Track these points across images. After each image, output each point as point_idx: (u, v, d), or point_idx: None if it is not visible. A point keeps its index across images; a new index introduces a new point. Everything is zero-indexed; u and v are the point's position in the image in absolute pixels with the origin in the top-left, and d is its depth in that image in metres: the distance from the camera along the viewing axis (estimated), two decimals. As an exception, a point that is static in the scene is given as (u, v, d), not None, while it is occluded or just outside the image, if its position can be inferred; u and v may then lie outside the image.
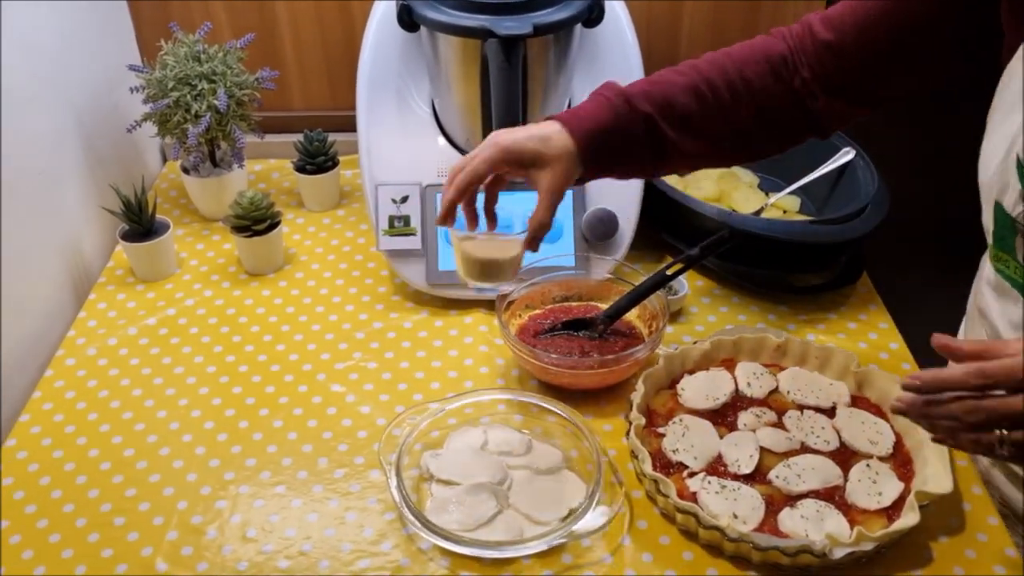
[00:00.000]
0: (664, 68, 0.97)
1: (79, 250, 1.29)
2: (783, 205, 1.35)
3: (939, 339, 0.73)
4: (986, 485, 0.99)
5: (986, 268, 0.94)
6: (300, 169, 1.41)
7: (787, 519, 0.91)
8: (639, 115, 0.93)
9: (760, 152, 1.01)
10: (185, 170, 1.38)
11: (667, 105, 0.93)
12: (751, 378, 1.06)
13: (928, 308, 1.33)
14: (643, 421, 0.99)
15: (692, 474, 0.96)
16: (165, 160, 1.58)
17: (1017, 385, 0.69)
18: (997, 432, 0.70)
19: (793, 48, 0.94)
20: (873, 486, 0.93)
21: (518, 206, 1.21)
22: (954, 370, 0.71)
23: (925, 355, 1.11)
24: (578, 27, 1.14)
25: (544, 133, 0.92)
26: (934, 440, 0.77)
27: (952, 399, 0.72)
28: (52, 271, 1.22)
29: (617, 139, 0.93)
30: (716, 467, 0.96)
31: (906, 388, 0.74)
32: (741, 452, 0.97)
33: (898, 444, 0.99)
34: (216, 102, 1.27)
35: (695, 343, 1.09)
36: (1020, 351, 0.69)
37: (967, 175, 1.06)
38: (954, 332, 1.23)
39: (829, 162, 1.33)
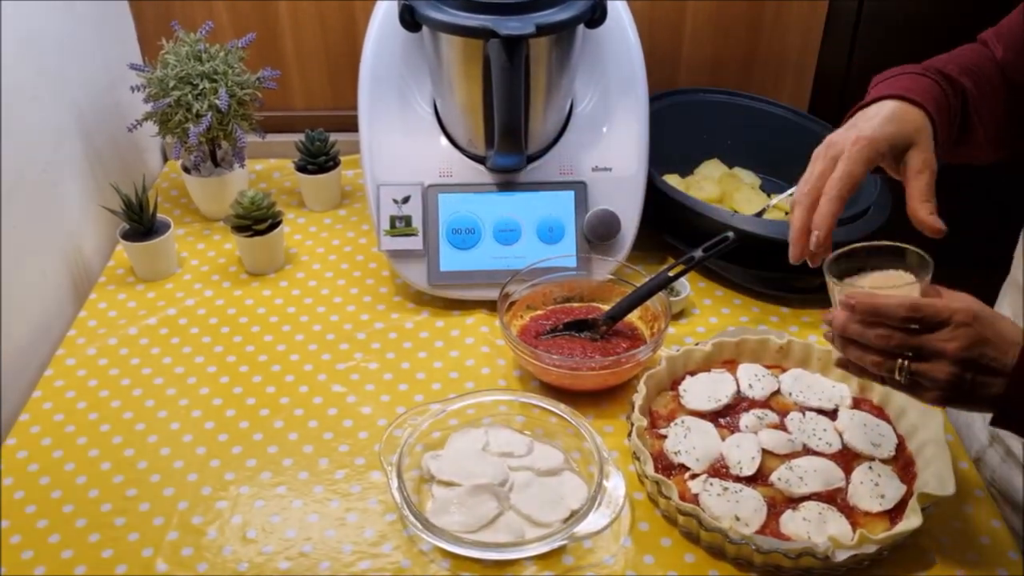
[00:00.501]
0: (904, 64, 0.92)
1: (79, 249, 1.29)
2: (785, 207, 1.34)
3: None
4: (976, 463, 1.00)
5: None
6: (301, 169, 1.40)
7: (789, 521, 0.90)
8: (959, 88, 0.88)
9: (1006, 149, 0.96)
10: (186, 169, 1.38)
11: (962, 84, 0.89)
12: (753, 380, 1.06)
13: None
14: (645, 422, 0.99)
15: (694, 476, 0.95)
16: (166, 159, 1.57)
17: (937, 325, 0.75)
18: (900, 360, 0.77)
19: (993, 59, 0.94)
20: (875, 488, 0.93)
21: (524, 209, 1.21)
22: (889, 299, 0.76)
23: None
24: (580, 27, 1.14)
25: (892, 113, 0.83)
26: (837, 363, 0.83)
27: (876, 323, 0.77)
28: (52, 270, 1.22)
29: (947, 114, 0.87)
30: (718, 469, 0.96)
31: (842, 306, 0.79)
32: (743, 454, 0.97)
33: (900, 446, 0.98)
34: (217, 101, 1.26)
35: (697, 344, 1.09)
36: (954, 304, 0.75)
37: (970, 177, 1.07)
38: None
39: (831, 163, 1.33)
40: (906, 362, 0.77)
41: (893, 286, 0.80)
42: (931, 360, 0.76)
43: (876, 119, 0.84)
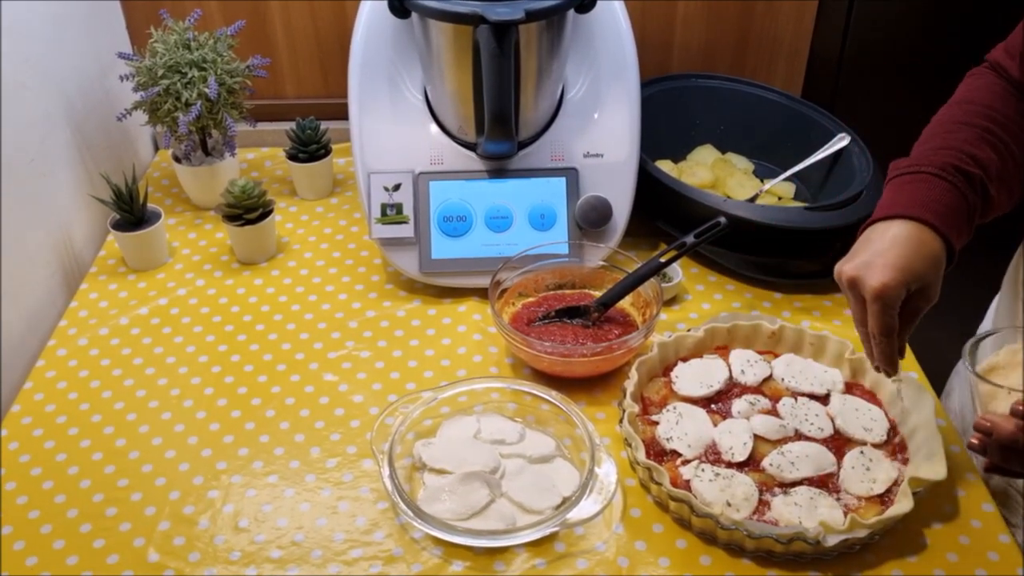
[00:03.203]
0: (931, 125, 0.90)
1: (70, 239, 1.28)
2: (778, 191, 1.34)
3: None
4: (969, 448, 1.00)
5: None
6: (292, 157, 1.40)
7: (780, 506, 0.90)
8: (975, 181, 0.85)
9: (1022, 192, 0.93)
10: (176, 159, 1.37)
11: (981, 163, 0.86)
12: (745, 365, 1.05)
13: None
14: (637, 409, 0.99)
15: (685, 462, 0.95)
16: (156, 148, 1.57)
17: None
18: None
19: (1007, 80, 0.91)
20: (867, 473, 0.93)
21: (516, 196, 1.20)
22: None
23: (919, 342, 1.11)
24: (571, 12, 1.13)
25: (910, 244, 0.81)
26: (989, 470, 0.81)
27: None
28: (43, 260, 1.21)
29: (966, 216, 0.85)
30: (709, 455, 0.96)
31: (1015, 414, 0.77)
32: (735, 439, 0.96)
33: (892, 431, 0.98)
34: (207, 90, 1.26)
35: (689, 330, 1.09)
36: None
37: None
38: (948, 316, 1.23)
39: (824, 148, 1.33)
40: None
41: None
42: None
43: (893, 256, 0.80)
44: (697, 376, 1.04)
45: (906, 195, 0.84)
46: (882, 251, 0.81)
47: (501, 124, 1.11)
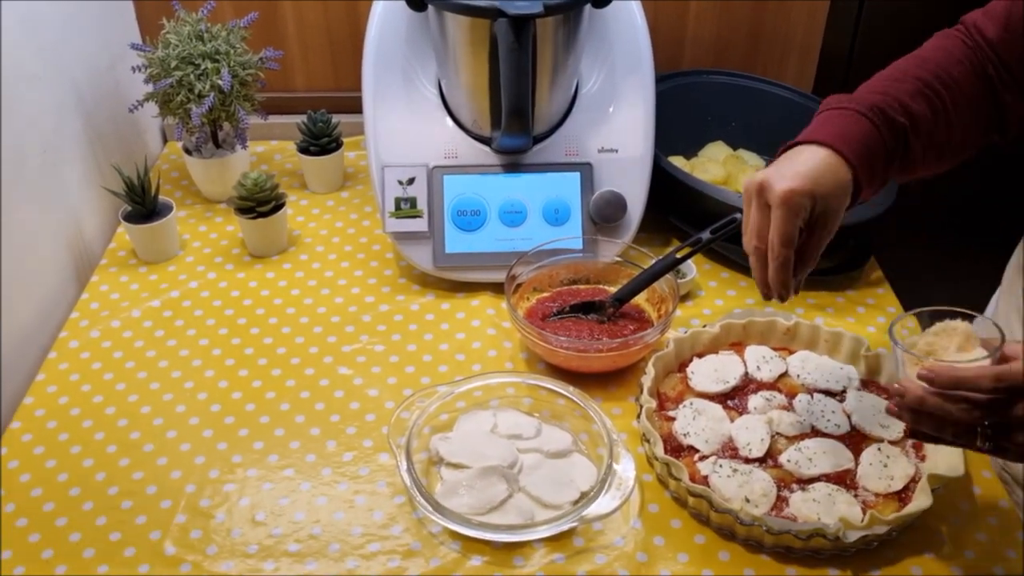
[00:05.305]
0: (882, 72, 0.91)
1: (81, 231, 1.28)
2: (790, 188, 1.34)
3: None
4: None
5: None
6: (304, 150, 1.39)
7: (799, 502, 0.90)
8: (899, 128, 0.87)
9: (957, 160, 0.95)
10: (187, 151, 1.37)
11: (911, 114, 0.87)
12: (761, 362, 1.05)
13: (936, 291, 1.33)
14: (654, 404, 0.99)
15: (703, 457, 0.95)
16: (165, 141, 1.56)
17: (1020, 392, 0.71)
18: (980, 428, 0.74)
19: (974, 46, 0.91)
20: (884, 470, 0.93)
21: (530, 190, 1.20)
22: (973, 371, 0.73)
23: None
24: (587, 7, 1.13)
25: (821, 166, 0.83)
26: (909, 435, 0.83)
27: (956, 398, 0.74)
28: (54, 252, 1.21)
29: (882, 160, 0.87)
30: (727, 450, 0.96)
31: (921, 377, 0.75)
32: (752, 436, 0.96)
33: (908, 428, 0.98)
34: (220, 82, 1.25)
35: (704, 327, 1.09)
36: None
37: (975, 157, 1.06)
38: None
39: (837, 145, 1.32)
40: (988, 430, 0.74)
41: (973, 358, 0.78)
42: (1017, 428, 0.73)
43: (804, 169, 0.83)
44: (713, 372, 1.04)
45: (829, 126, 0.86)
46: (794, 165, 0.84)
47: (518, 118, 1.11)
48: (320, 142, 1.38)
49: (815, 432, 0.98)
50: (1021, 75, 0.90)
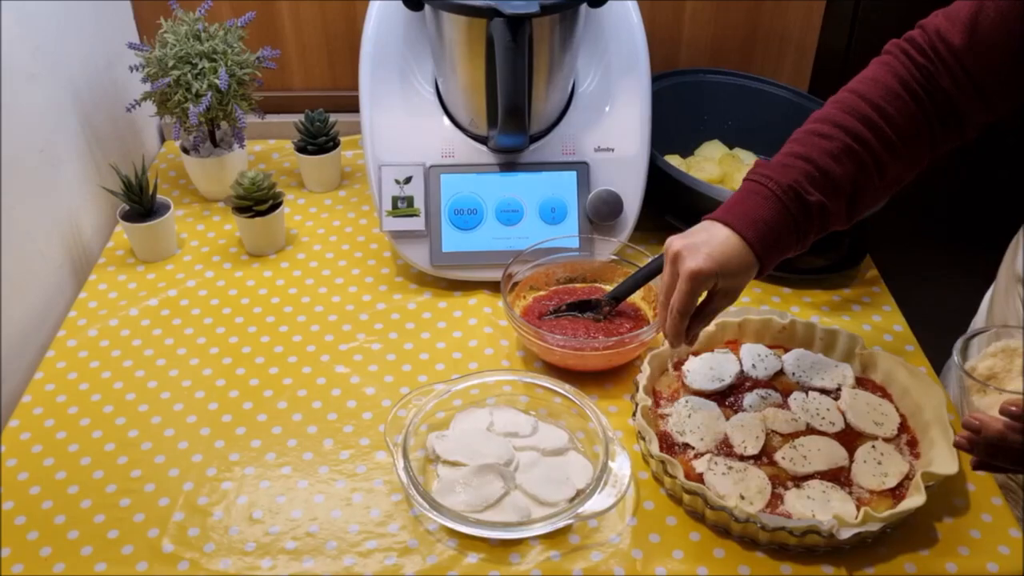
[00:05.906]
0: (810, 119, 0.91)
1: (78, 230, 1.28)
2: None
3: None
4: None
5: None
6: (301, 149, 1.39)
7: (794, 500, 0.91)
8: (812, 207, 0.88)
9: (907, 182, 0.95)
10: (185, 150, 1.37)
11: (830, 182, 0.88)
12: (756, 360, 1.06)
13: (931, 290, 1.34)
14: (650, 402, 0.99)
15: (698, 455, 0.96)
16: (162, 140, 1.56)
17: None
18: None
19: (925, 61, 0.89)
20: (878, 467, 0.94)
21: (527, 189, 1.21)
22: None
23: (928, 337, 1.12)
24: (583, 7, 1.13)
25: (729, 251, 0.87)
26: (979, 468, 0.82)
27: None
28: (52, 251, 1.21)
29: (791, 238, 0.89)
30: (722, 448, 0.97)
31: (1004, 412, 0.78)
32: (747, 433, 0.97)
33: (903, 425, 0.99)
34: (217, 81, 1.25)
35: (700, 325, 1.09)
36: None
37: (969, 155, 1.07)
38: (956, 312, 1.24)
39: (832, 144, 1.33)
40: None
41: None
42: None
43: (713, 251, 0.87)
44: (708, 370, 1.05)
45: (746, 206, 0.90)
46: (708, 243, 0.88)
47: (514, 117, 1.11)
48: (317, 141, 1.38)
49: (810, 430, 0.98)
50: (985, 80, 0.87)
